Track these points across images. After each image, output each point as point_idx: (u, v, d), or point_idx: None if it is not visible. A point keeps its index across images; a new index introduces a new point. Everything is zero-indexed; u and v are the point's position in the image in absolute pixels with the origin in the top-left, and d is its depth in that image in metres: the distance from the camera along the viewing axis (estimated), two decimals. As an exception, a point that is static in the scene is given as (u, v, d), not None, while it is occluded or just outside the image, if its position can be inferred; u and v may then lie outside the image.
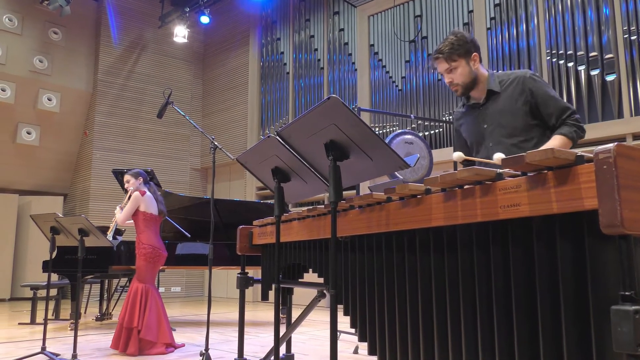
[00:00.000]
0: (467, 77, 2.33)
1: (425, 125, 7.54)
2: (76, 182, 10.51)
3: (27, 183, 10.15)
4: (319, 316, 6.88)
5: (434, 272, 1.51)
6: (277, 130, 1.85)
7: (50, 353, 3.88)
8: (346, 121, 1.60)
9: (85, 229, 3.80)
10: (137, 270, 4.34)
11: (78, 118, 10.37)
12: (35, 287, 6.17)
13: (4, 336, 5.17)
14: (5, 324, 6.23)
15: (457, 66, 2.32)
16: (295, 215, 2.32)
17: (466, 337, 1.39)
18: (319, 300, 2.68)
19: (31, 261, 9.40)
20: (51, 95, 9.82)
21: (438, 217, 1.46)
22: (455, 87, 2.37)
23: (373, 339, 1.79)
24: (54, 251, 4.07)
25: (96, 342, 4.79)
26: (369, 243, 1.82)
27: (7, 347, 4.53)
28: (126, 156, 10.31)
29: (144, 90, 10.76)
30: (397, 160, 1.63)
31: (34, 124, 9.82)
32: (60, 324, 6.20)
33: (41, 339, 3.93)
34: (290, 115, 9.62)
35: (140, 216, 4.42)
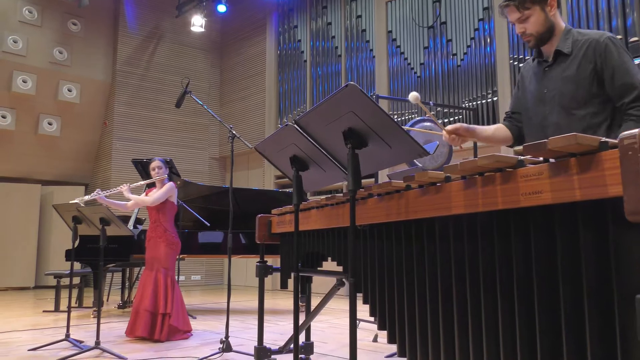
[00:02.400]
0: (542, 26, 2.04)
1: (444, 112, 7.47)
2: (97, 172, 10.65)
3: (49, 173, 10.32)
4: (338, 304, 6.90)
5: (454, 261, 1.50)
6: (295, 119, 1.85)
7: (74, 340, 3.96)
8: (364, 109, 1.59)
9: (106, 218, 3.85)
10: (159, 258, 4.40)
11: (98, 108, 10.49)
12: (59, 275, 6.29)
13: (30, 323, 5.29)
14: (30, 311, 6.37)
15: (530, 14, 2.02)
16: (313, 204, 2.32)
17: (487, 326, 1.38)
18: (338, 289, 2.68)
19: (54, 250, 9.58)
20: (71, 86, 9.94)
21: (458, 205, 1.44)
22: (528, 37, 2.07)
23: (393, 327, 1.79)
24: (76, 240, 4.14)
25: (118, 329, 4.88)
26: (388, 231, 1.82)
27: (33, 334, 4.63)
28: (146, 146, 10.41)
29: (163, 80, 10.83)
30: (416, 147, 1.61)
31: (55, 114, 9.96)
32: (83, 311, 6.32)
33: (65, 326, 4.02)
34: (307, 104, 9.60)
35: (168, 206, 4.55)
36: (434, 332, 1.59)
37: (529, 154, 1.22)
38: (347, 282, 2.34)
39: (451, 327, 1.52)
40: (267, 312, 6.24)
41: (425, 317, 1.63)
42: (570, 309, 1.17)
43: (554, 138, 1.14)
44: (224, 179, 11.47)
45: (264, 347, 2.86)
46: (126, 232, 4.06)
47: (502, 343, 1.33)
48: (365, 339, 4.34)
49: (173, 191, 4.56)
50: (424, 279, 1.63)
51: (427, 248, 1.61)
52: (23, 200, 9.64)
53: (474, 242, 1.43)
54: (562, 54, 2.04)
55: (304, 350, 3.07)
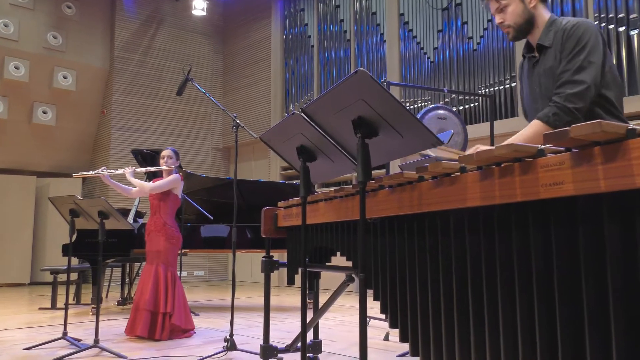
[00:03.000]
0: (520, 17, 2.09)
1: (459, 99, 7.44)
2: (95, 163, 10.70)
3: (44, 164, 10.39)
4: (347, 301, 6.93)
5: (470, 256, 1.50)
6: (302, 107, 1.85)
7: (72, 338, 4.00)
8: (375, 96, 1.58)
9: (105, 212, 3.87)
10: (160, 254, 4.42)
11: (95, 96, 10.53)
12: (56, 271, 6.34)
13: (25, 321, 5.35)
14: (26, 309, 6.44)
15: (507, 4, 2.09)
16: (322, 196, 2.32)
17: (504, 324, 1.38)
18: (348, 285, 2.69)
19: (51, 245, 9.66)
20: (66, 72, 9.97)
21: (474, 197, 1.44)
22: (507, 29, 2.12)
23: (405, 325, 1.79)
24: (74, 234, 4.17)
25: (118, 327, 4.92)
26: (400, 225, 1.82)
27: (29, 332, 4.69)
28: (145, 136, 10.45)
29: (163, 66, 10.84)
30: (430, 137, 1.61)
31: (49, 103, 10.01)
32: (81, 308, 6.38)
33: (62, 324, 4.06)
34: (315, 91, 9.59)
35: (172, 198, 4.56)
36: (448, 330, 1.59)
37: (550, 142, 1.22)
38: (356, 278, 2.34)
39: (466, 325, 1.52)
40: (273, 309, 6.28)
41: (439, 314, 1.63)
42: (594, 306, 1.17)
43: (577, 125, 1.13)
44: (228, 170, 11.50)
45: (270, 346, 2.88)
46: (126, 226, 4.08)
47: (521, 341, 1.33)
48: (376, 337, 4.35)
49: (178, 183, 4.57)
50: (437, 275, 1.63)
51: (441, 242, 1.61)
52: (17, 193, 9.71)
53: (491, 236, 1.43)
54: (544, 47, 2.08)
55: (312, 349, 3.08)
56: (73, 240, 4.39)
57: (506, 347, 1.37)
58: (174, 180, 4.52)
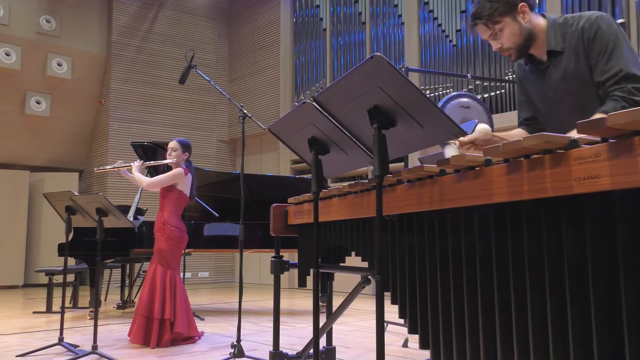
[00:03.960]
0: (519, 37, 2.12)
1: (484, 86, 7.39)
2: (92, 156, 10.79)
3: (38, 158, 10.49)
4: (363, 305, 6.93)
5: (496, 256, 1.49)
6: (313, 96, 1.85)
7: (69, 344, 4.04)
8: (392, 83, 1.58)
9: (103, 209, 3.90)
10: (160, 254, 4.43)
11: (92, 85, 10.60)
12: (51, 272, 6.41)
13: (19, 326, 5.41)
14: (20, 312, 6.52)
15: (502, 27, 2.10)
16: (335, 192, 2.32)
17: (534, 329, 1.37)
18: (363, 287, 2.69)
19: (45, 244, 9.76)
20: (61, 59, 10.04)
21: (500, 192, 1.43)
22: (508, 51, 2.15)
23: (425, 330, 1.79)
24: (70, 233, 4.21)
25: (118, 332, 4.97)
26: (420, 222, 1.81)
27: (22, 337, 4.74)
28: (146, 127, 10.51)
29: (164, 52, 10.89)
30: (452, 127, 1.60)
31: (43, 92, 10.09)
32: (78, 312, 6.45)
33: (58, 329, 4.09)
34: (328, 78, 9.58)
35: (175, 194, 4.50)
36: (472, 336, 1.58)
37: (584, 132, 1.21)
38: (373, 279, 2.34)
39: (492, 330, 1.52)
40: (284, 313, 6.30)
41: (462, 318, 1.62)
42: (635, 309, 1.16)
43: (615, 113, 1.12)
44: (234, 164, 11.54)
45: (280, 352, 2.89)
46: (126, 224, 4.11)
47: (552, 347, 1.32)
48: (394, 343, 4.35)
49: (179, 178, 4.48)
50: (461, 276, 1.62)
51: (465, 241, 1.61)
52: (10, 188, 9.80)
53: (519, 234, 1.42)
54: (556, 52, 2.12)
55: (325, 356, 3.09)
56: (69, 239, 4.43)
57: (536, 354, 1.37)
58: (174, 174, 4.46)
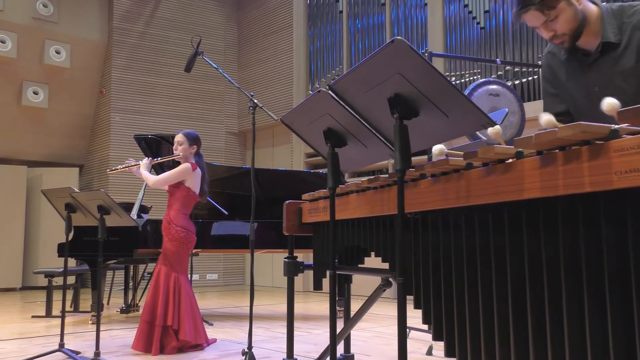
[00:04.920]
0: (574, 22, 2.08)
1: (515, 72, 7.34)
2: (93, 150, 10.88)
3: (36, 153, 10.59)
4: (383, 309, 6.93)
5: (528, 256, 1.48)
6: (329, 84, 1.85)
7: (69, 351, 4.08)
8: (414, 69, 1.57)
9: (105, 206, 3.93)
10: (166, 256, 4.44)
11: (92, 74, 10.68)
12: (50, 274, 6.48)
13: (16, 331, 5.48)
14: (18, 317, 6.60)
15: (558, 13, 2.06)
16: (353, 187, 2.32)
17: (570, 335, 1.36)
18: (384, 290, 2.69)
19: (44, 244, 9.86)
20: (59, 47, 10.12)
21: (532, 187, 1.43)
22: (561, 38, 2.11)
23: (451, 337, 1.79)
24: (70, 232, 4.24)
25: (121, 337, 5.01)
26: (445, 220, 1.81)
27: (21, 343, 4.80)
28: (150, 119, 10.57)
29: (168, 38, 10.93)
30: (480, 116, 1.60)
31: (41, 82, 10.18)
32: (79, 316, 6.51)
33: (58, 334, 4.14)
34: (345, 65, 9.56)
35: (182, 192, 4.50)
36: (502, 343, 1.58)
37: (626, 121, 1.20)
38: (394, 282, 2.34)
39: (524, 337, 1.51)
40: (298, 319, 6.31)
41: (491, 324, 1.62)
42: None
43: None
44: (244, 157, 11.57)
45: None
46: (129, 223, 4.13)
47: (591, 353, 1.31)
48: (418, 351, 4.35)
49: (188, 174, 4.47)
50: (490, 278, 1.62)
51: (494, 240, 1.60)
52: (6, 185, 9.91)
53: (553, 232, 1.41)
54: (611, 44, 2.10)
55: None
56: (70, 239, 4.46)
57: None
58: (181, 170, 4.45)
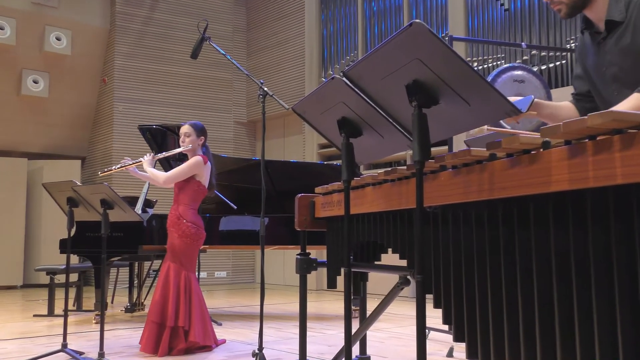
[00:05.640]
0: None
1: (541, 57, 7.29)
2: (95, 141, 10.94)
3: (36, 144, 10.66)
4: (401, 309, 6.93)
5: (555, 253, 1.47)
6: (343, 70, 1.84)
7: (73, 351, 4.12)
8: (434, 54, 1.57)
9: (108, 200, 3.95)
10: (174, 253, 4.45)
11: (94, 61, 10.72)
12: (52, 271, 6.53)
13: (18, 331, 5.54)
14: (19, 315, 6.67)
15: None
16: (369, 180, 2.32)
17: (600, 337, 1.35)
18: (402, 289, 2.69)
19: (45, 240, 9.94)
20: (60, 33, 10.17)
21: (560, 179, 1.42)
22: (558, 5, 2.19)
23: (473, 338, 1.78)
24: (73, 227, 4.27)
25: (126, 337, 5.05)
26: (467, 214, 1.80)
27: (22, 343, 4.85)
28: (155, 108, 10.60)
29: (174, 23, 10.95)
30: (503, 104, 1.59)
31: (41, 70, 10.24)
32: (83, 315, 6.57)
33: (61, 334, 4.18)
34: (360, 50, 9.53)
35: (193, 186, 4.52)
36: (528, 345, 1.57)
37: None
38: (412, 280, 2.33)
39: (551, 337, 1.50)
40: (311, 318, 6.33)
41: (516, 324, 1.61)
42: None
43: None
44: (254, 149, 11.59)
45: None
46: (133, 218, 4.15)
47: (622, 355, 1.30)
48: (438, 352, 4.35)
49: (198, 167, 4.49)
50: (514, 276, 1.61)
51: (519, 236, 1.59)
52: (5, 178, 10.00)
53: (582, 227, 1.40)
54: (615, 22, 2.13)
55: (359, 367, 3.10)
56: (72, 234, 4.50)
57: (602, 367, 1.35)
58: (193, 164, 4.47)
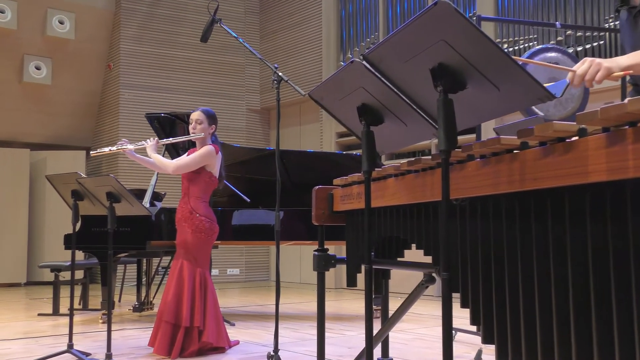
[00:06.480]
0: None
1: (577, 37, 7.21)
2: (100, 131, 11.00)
3: (39, 134, 10.75)
4: (426, 309, 6.92)
5: (592, 248, 1.46)
6: (363, 53, 1.84)
7: (79, 352, 4.15)
8: (461, 35, 1.56)
9: (115, 193, 3.97)
10: (186, 249, 4.47)
11: (99, 46, 10.77)
12: (57, 268, 6.60)
13: (22, 330, 5.61)
14: (23, 314, 6.75)
15: None
16: (391, 171, 2.31)
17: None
18: (426, 287, 2.68)
19: (49, 235, 10.02)
20: (63, 17, 10.22)
21: (597, 169, 1.41)
22: None
23: (503, 340, 1.78)
24: (78, 222, 4.30)
25: (135, 338, 5.09)
26: (496, 207, 1.80)
27: (26, 344, 4.91)
28: (163, 95, 10.64)
29: (182, 5, 10.97)
30: (536, 89, 1.57)
31: (43, 55, 10.30)
32: (89, 315, 6.63)
33: (67, 334, 4.22)
34: (380, 32, 9.50)
35: (204, 178, 4.52)
36: (562, 346, 1.56)
37: None
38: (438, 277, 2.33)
39: (587, 338, 1.49)
40: (330, 318, 6.33)
41: (549, 324, 1.60)
42: None
43: None
44: (268, 138, 11.60)
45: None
46: (141, 211, 4.17)
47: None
48: (465, 355, 4.34)
49: (210, 158, 4.48)
50: (547, 274, 1.60)
51: (553, 230, 1.59)
52: (8, 170, 10.10)
53: (622, 221, 1.39)
54: None
55: (380, 370, 3.11)
56: (77, 229, 4.52)
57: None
58: (205, 154, 4.46)
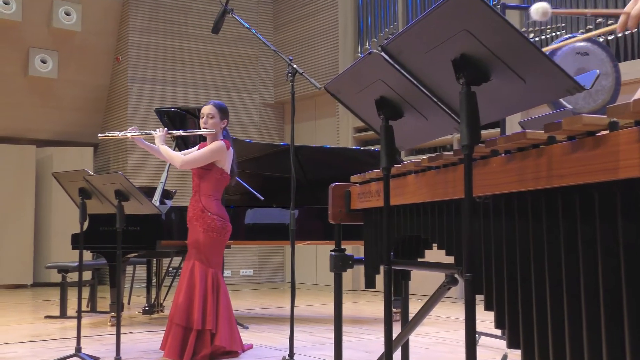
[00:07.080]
0: None
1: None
2: (108, 126, 11.04)
3: (45, 130, 10.81)
4: (448, 311, 6.91)
5: (624, 249, 1.45)
6: (381, 44, 1.83)
7: (87, 356, 4.18)
8: (484, 25, 1.55)
9: (123, 191, 3.99)
10: (198, 249, 4.47)
11: (106, 39, 10.83)
12: (64, 269, 6.64)
13: (29, 333, 5.65)
14: (29, 317, 6.81)
15: None
16: (411, 167, 2.31)
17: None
18: (448, 289, 2.68)
19: (56, 234, 10.10)
20: (69, 8, 10.28)
21: (629, 164, 1.39)
22: None
23: (530, 344, 1.77)
24: (85, 221, 4.32)
25: (145, 341, 5.12)
26: (522, 205, 1.79)
27: (33, 347, 4.95)
28: (172, 89, 10.67)
29: (193, -6, 11.00)
30: (564, 80, 1.56)
31: (49, 48, 10.37)
32: (97, 317, 6.68)
33: (75, 337, 4.25)
34: (400, 22, 9.47)
35: (216, 174, 4.52)
36: (592, 350, 1.56)
37: None
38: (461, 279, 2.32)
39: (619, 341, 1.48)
40: (347, 321, 6.34)
41: (579, 328, 1.60)
42: None
43: None
44: (283, 133, 11.61)
45: (343, 370, 2.91)
46: (151, 210, 4.18)
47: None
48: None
49: (221, 153, 4.47)
50: (576, 275, 1.60)
51: (582, 230, 1.58)
52: (13, 168, 10.17)
53: (655, 220, 1.38)
54: None
55: (400, 375, 3.10)
56: (84, 229, 4.54)
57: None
58: (215, 149, 4.45)
